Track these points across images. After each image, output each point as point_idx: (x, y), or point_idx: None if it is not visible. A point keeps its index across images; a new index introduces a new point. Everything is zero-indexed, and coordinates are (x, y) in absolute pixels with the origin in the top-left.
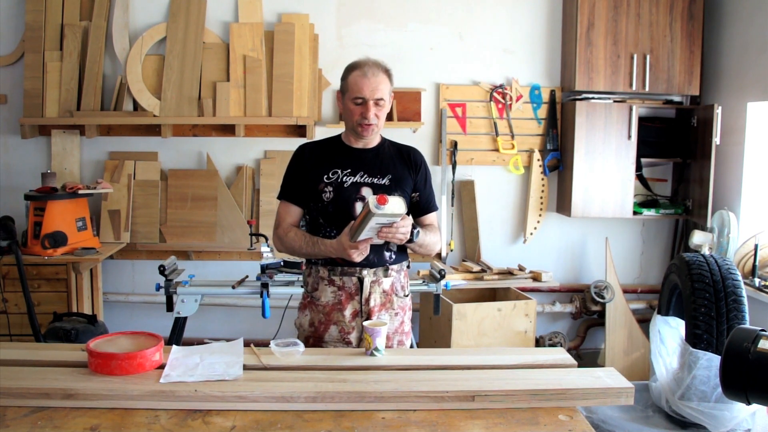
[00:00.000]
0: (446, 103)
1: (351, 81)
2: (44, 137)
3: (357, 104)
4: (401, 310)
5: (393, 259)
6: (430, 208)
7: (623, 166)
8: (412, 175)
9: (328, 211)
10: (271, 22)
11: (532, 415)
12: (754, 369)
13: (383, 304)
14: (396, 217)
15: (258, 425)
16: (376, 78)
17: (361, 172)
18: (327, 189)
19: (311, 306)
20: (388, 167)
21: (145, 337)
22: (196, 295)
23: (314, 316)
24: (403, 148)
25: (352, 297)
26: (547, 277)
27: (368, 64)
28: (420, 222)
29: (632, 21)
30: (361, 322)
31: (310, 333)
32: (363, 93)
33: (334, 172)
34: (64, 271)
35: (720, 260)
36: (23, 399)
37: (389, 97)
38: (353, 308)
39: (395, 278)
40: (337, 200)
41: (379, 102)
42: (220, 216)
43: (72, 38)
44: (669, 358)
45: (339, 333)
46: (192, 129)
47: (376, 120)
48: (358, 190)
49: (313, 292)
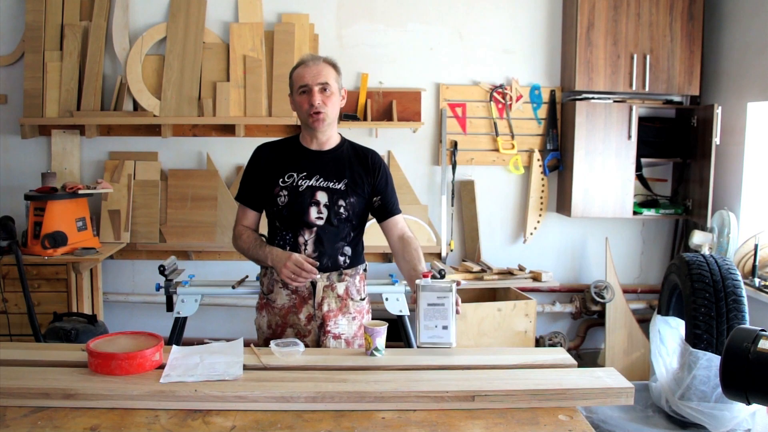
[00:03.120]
0: (446, 103)
1: (294, 75)
2: (44, 137)
3: (302, 93)
4: (358, 314)
5: (347, 263)
6: (394, 211)
7: (623, 166)
8: (370, 179)
9: (283, 215)
10: (271, 22)
11: (532, 415)
12: (754, 369)
13: (339, 309)
14: (446, 292)
15: (258, 425)
16: (317, 66)
17: (317, 175)
18: (282, 193)
19: (267, 308)
20: (345, 171)
21: (145, 337)
22: (196, 295)
23: (271, 318)
24: (362, 151)
25: (305, 301)
26: (547, 277)
27: (309, 57)
28: (389, 228)
29: (632, 21)
30: (316, 326)
31: (269, 335)
32: (305, 80)
33: (289, 176)
34: (64, 271)
35: (720, 260)
36: (23, 399)
37: (338, 89)
38: (308, 312)
39: (350, 282)
40: (291, 204)
41: (325, 87)
42: (220, 216)
43: (72, 38)
44: (669, 358)
45: (296, 335)
46: (192, 129)
47: (324, 107)
48: (312, 194)
49: (268, 294)
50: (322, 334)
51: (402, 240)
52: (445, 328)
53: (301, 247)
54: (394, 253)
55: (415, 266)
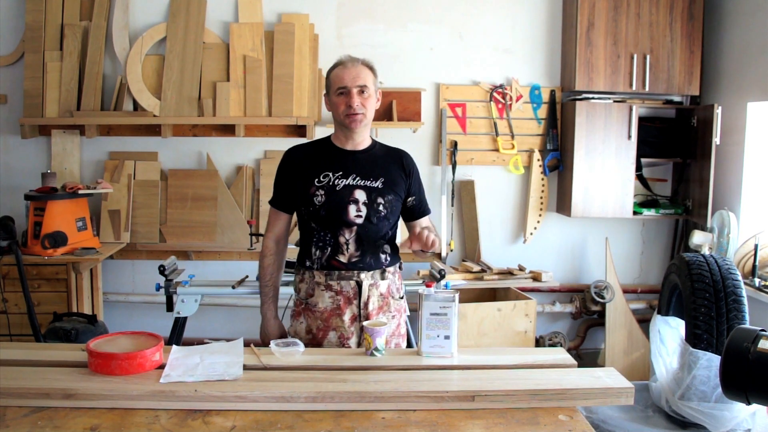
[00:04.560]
0: (446, 103)
1: (332, 76)
2: (44, 137)
3: (340, 94)
4: (397, 313)
5: (388, 261)
6: (425, 211)
7: (623, 166)
8: (406, 180)
9: (320, 215)
10: (271, 22)
11: (532, 415)
12: (754, 369)
13: (380, 308)
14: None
15: (258, 425)
16: (356, 68)
17: (353, 174)
18: (318, 192)
19: (307, 312)
20: (381, 169)
21: (145, 337)
22: (196, 295)
23: (311, 323)
24: (394, 151)
25: (350, 301)
26: (547, 277)
27: (348, 58)
28: (417, 226)
29: (632, 21)
30: (359, 327)
31: (308, 340)
32: (344, 82)
33: (325, 175)
34: (64, 271)
35: (720, 260)
36: (23, 399)
37: (375, 91)
38: (352, 313)
39: (391, 281)
40: (329, 204)
41: (363, 90)
42: (220, 216)
43: (72, 38)
44: (669, 358)
45: (338, 339)
46: (192, 129)
47: (363, 109)
48: (351, 193)
49: (308, 298)
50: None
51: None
52: (447, 338)
53: (342, 247)
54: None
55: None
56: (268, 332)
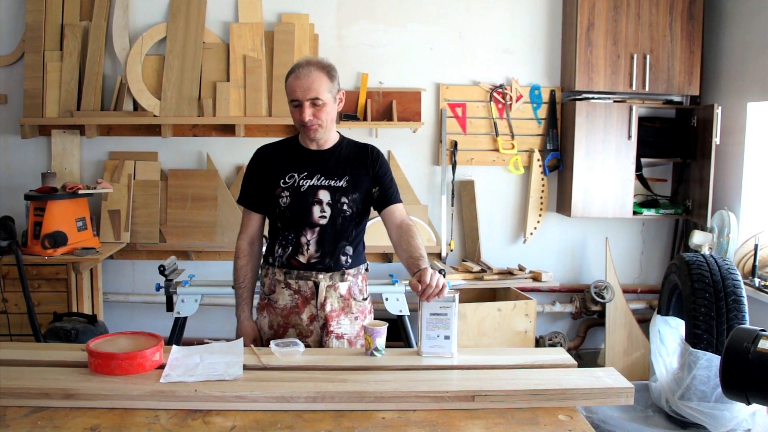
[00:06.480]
0: (446, 103)
1: (287, 85)
2: (44, 137)
3: (295, 107)
4: (360, 314)
5: (349, 263)
6: (393, 199)
7: (623, 166)
8: (370, 172)
9: (285, 216)
10: (271, 22)
11: (532, 415)
12: (754, 369)
13: (342, 309)
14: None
15: (258, 425)
16: (309, 78)
17: (318, 174)
18: (284, 194)
19: (269, 308)
20: (346, 168)
21: (145, 337)
22: (196, 295)
23: (273, 319)
24: (361, 146)
25: (308, 301)
26: (547, 277)
27: (302, 65)
28: (388, 217)
29: (632, 21)
30: (318, 327)
31: (270, 335)
32: (296, 95)
33: (290, 176)
34: (64, 271)
35: (720, 260)
36: (23, 399)
37: (331, 95)
38: (310, 312)
39: (352, 282)
40: (293, 205)
41: (316, 101)
42: (220, 216)
43: (72, 38)
44: (669, 358)
45: (298, 336)
46: (192, 129)
47: (317, 120)
48: (315, 194)
49: (270, 294)
50: (324, 334)
51: (400, 228)
52: (447, 338)
53: (303, 247)
54: (393, 243)
55: (412, 253)
56: (242, 335)
